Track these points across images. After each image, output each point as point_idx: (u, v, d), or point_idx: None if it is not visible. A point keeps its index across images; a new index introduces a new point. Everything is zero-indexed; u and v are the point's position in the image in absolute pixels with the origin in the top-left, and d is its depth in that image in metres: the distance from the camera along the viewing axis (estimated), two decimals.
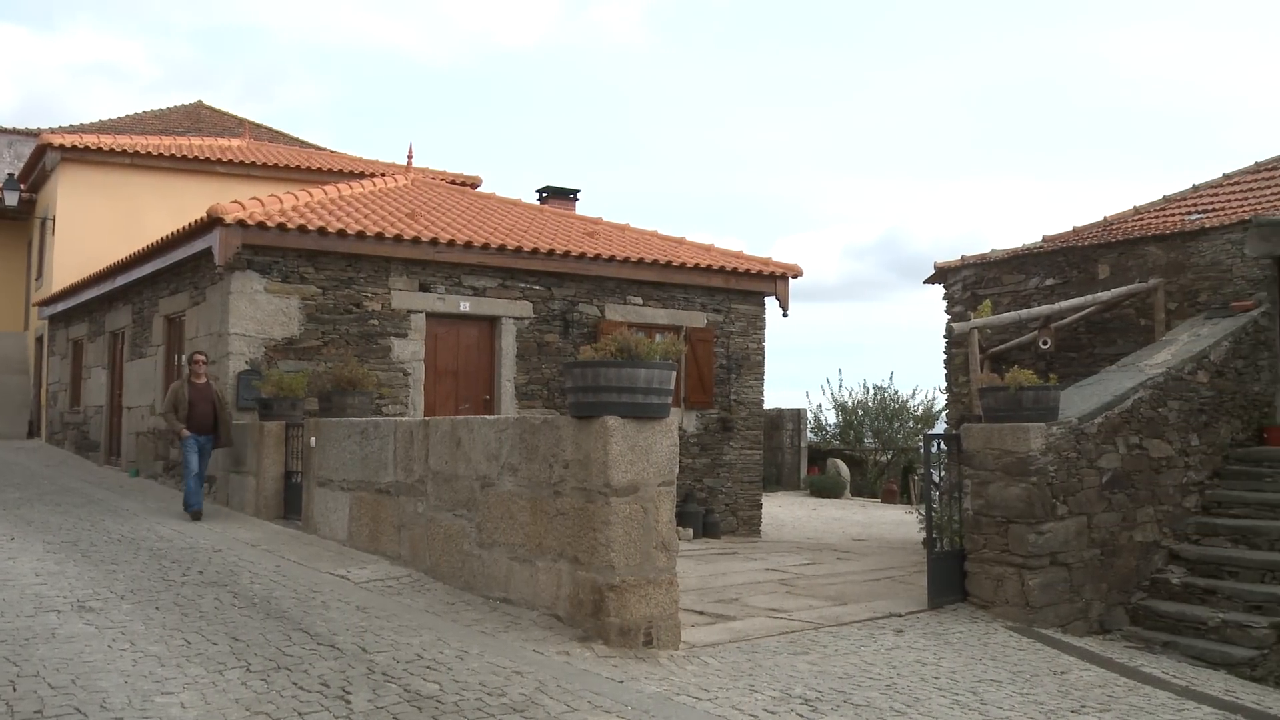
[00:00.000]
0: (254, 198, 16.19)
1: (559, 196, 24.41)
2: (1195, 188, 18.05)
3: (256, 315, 15.06)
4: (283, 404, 14.12)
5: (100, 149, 23.17)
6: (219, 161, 24.74)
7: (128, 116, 29.73)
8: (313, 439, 12.76)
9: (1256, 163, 18.06)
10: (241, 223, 14.67)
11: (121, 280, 18.38)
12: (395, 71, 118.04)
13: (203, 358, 13.65)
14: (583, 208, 23.87)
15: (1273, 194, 16.31)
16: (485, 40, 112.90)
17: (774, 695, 6.44)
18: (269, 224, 14.88)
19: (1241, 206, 15.93)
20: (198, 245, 15.63)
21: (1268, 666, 10.21)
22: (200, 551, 10.05)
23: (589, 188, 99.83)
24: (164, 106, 31.55)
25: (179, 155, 24.07)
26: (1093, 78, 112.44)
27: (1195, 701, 7.62)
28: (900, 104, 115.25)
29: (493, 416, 11.64)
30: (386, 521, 10.40)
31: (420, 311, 16.24)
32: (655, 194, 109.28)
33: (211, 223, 14.78)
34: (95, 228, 22.96)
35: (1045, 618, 10.00)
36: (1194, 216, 16.19)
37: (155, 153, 23.48)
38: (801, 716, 6.06)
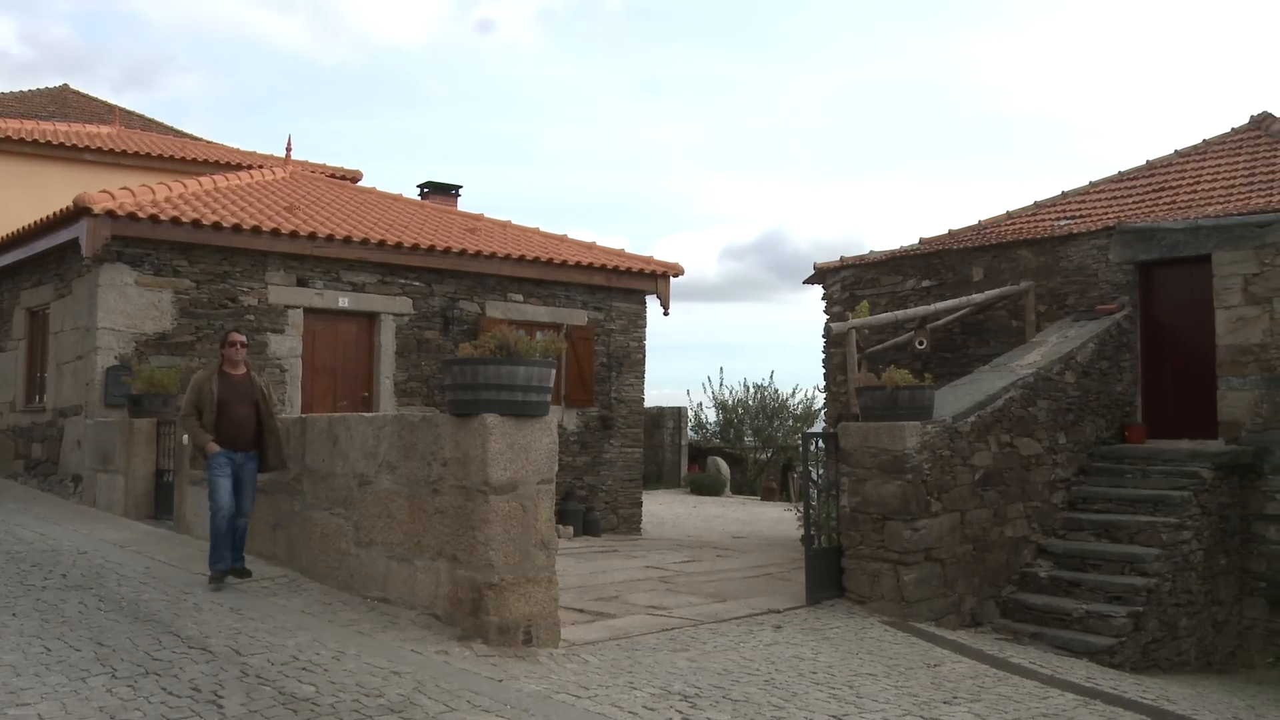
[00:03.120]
0: (124, 188, 15.59)
1: (440, 192, 23.94)
2: (1064, 194, 18.39)
3: (126, 309, 14.45)
4: (154, 400, 13.50)
5: None
6: (86, 149, 23.09)
7: None
8: (185, 436, 11.74)
9: (1120, 172, 18.47)
10: (111, 213, 14.09)
11: None
12: (280, 66, 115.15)
13: (241, 339, 9.96)
14: (465, 204, 23.78)
15: (1134, 201, 16.81)
16: (372, 37, 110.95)
17: (653, 692, 6.45)
18: (140, 215, 14.28)
19: (1106, 213, 16.36)
20: (63, 235, 14.95)
21: (1125, 654, 10.56)
22: (64, 554, 9.59)
23: (473, 185, 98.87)
24: (26, 89, 29.30)
25: (42, 141, 22.37)
26: (964, 82, 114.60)
27: (1059, 689, 7.87)
28: (780, 105, 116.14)
29: (371, 414, 11.37)
30: (262, 520, 10.11)
31: (298, 307, 15.79)
32: (539, 192, 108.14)
33: (78, 212, 14.18)
34: None
35: (920, 612, 10.08)
36: (1063, 222, 16.55)
37: (16, 137, 21.66)
38: (681, 713, 6.08)
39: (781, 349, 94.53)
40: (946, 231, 18.22)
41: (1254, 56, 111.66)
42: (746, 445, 32.58)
